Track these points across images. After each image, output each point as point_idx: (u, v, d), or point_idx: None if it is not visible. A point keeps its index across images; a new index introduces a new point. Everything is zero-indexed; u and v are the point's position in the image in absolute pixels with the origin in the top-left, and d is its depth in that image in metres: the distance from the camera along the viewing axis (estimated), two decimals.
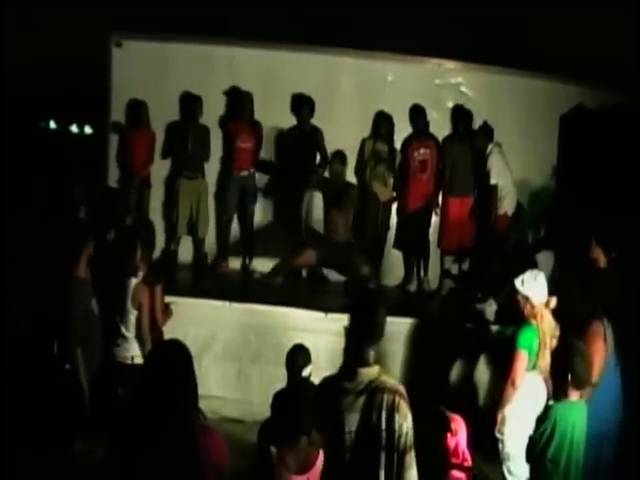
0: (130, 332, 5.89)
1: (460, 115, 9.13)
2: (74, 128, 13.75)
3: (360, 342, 3.75)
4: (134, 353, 5.87)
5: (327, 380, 3.87)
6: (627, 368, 5.60)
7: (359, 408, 3.62)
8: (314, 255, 8.30)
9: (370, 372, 3.70)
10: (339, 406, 3.64)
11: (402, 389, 3.73)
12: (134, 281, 5.92)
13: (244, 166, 9.26)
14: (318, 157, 9.16)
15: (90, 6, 9.89)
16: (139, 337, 5.87)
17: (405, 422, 3.61)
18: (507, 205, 8.66)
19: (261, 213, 9.58)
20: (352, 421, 3.62)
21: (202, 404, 3.48)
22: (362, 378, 3.68)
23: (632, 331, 5.80)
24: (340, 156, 8.55)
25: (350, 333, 3.80)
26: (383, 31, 9.46)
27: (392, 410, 3.60)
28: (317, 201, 8.90)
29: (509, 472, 5.65)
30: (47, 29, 10.08)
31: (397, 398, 3.63)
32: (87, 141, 12.94)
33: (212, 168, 9.51)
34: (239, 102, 9.34)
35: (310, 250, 8.36)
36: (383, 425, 3.60)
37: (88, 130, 13.40)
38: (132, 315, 5.87)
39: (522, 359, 5.55)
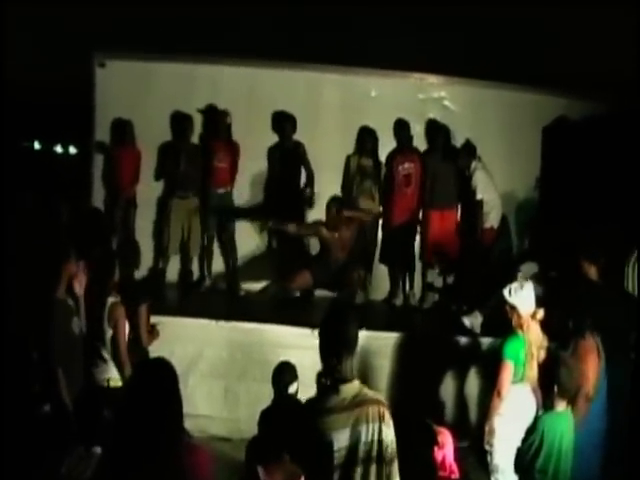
0: (107, 353, 5.86)
1: (435, 129, 9.21)
2: (58, 148, 13.72)
3: (336, 358, 3.69)
4: (110, 375, 5.83)
5: (309, 402, 3.83)
6: (614, 379, 5.63)
7: (349, 424, 3.59)
8: (310, 277, 8.33)
9: (352, 387, 3.68)
10: (325, 426, 3.59)
11: (383, 399, 3.74)
12: (110, 300, 5.89)
13: (221, 184, 9.25)
14: (303, 174, 9.15)
15: (72, 26, 9.86)
16: (115, 357, 5.83)
17: (390, 431, 3.63)
18: (493, 218, 8.71)
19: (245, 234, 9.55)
20: (342, 438, 3.58)
21: (189, 423, 3.46)
22: (345, 395, 3.64)
23: (620, 341, 5.82)
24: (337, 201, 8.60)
25: (323, 350, 3.74)
26: (366, 46, 9.48)
27: (379, 421, 3.60)
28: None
29: None
30: (30, 50, 10.05)
31: (381, 408, 3.64)
32: (72, 161, 12.92)
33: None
34: (215, 120, 9.34)
35: (306, 272, 8.40)
36: (373, 437, 3.59)
37: (72, 150, 13.38)
38: (108, 335, 5.85)
39: (508, 369, 5.54)
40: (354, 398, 3.64)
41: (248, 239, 9.45)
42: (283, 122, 9.16)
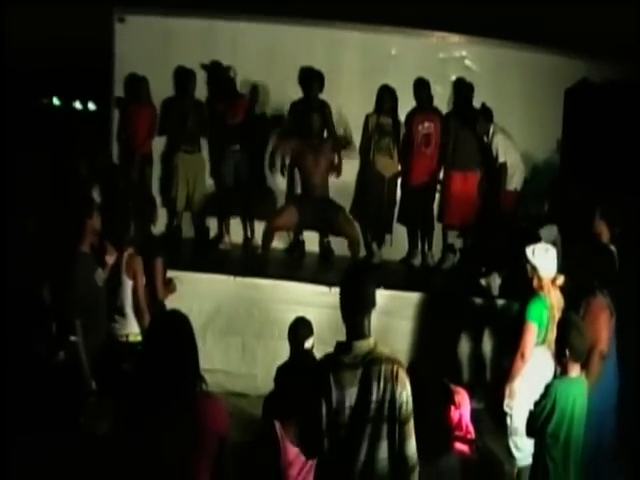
0: (127, 306, 5.91)
1: (461, 89, 9.08)
2: (77, 104, 13.69)
3: (352, 314, 3.73)
4: (129, 331, 5.89)
5: (326, 357, 3.84)
6: (625, 337, 5.66)
7: (358, 380, 3.61)
8: (295, 213, 8.33)
9: (365, 344, 3.69)
10: (337, 381, 3.61)
11: (398, 358, 3.74)
12: (128, 252, 5.93)
13: (235, 142, 9.20)
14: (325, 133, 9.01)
15: None
16: (136, 307, 5.90)
17: (405, 390, 3.62)
18: (516, 181, 8.67)
19: None
20: (353, 394, 3.61)
21: (206, 377, 3.48)
22: (358, 351, 3.66)
23: (629, 306, 5.81)
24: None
25: (341, 307, 3.78)
26: (387, 5, 9.37)
27: (392, 380, 3.61)
28: None
29: (515, 447, 5.64)
30: (49, 5, 9.99)
31: (395, 367, 3.64)
32: (90, 117, 12.90)
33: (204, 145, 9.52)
34: (221, 78, 9.28)
35: (291, 207, 8.43)
36: (385, 396, 3.60)
37: (91, 106, 13.35)
38: (128, 286, 5.90)
39: (532, 331, 5.51)
40: (367, 355, 3.66)
41: None
42: (311, 78, 9.04)
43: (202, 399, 3.40)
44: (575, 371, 4.79)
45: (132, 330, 5.89)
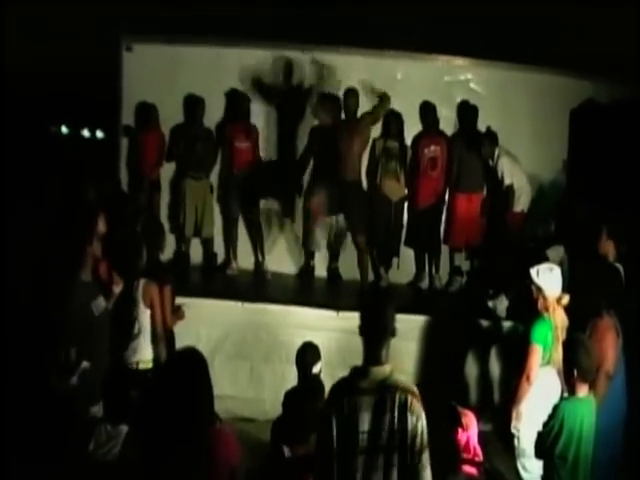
0: (141, 333, 5.92)
1: (466, 111, 9.10)
2: (86, 132, 13.79)
3: (371, 341, 3.77)
4: (140, 358, 5.90)
5: (342, 380, 3.85)
6: (632, 356, 5.67)
7: (371, 407, 3.62)
8: (324, 196, 8.39)
9: (382, 371, 3.71)
10: (352, 405, 3.63)
11: (415, 389, 3.73)
12: (143, 280, 5.95)
13: (244, 166, 9.27)
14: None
15: (100, 8, 9.92)
16: (153, 335, 5.92)
17: (420, 421, 3.62)
18: (523, 202, 8.65)
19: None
20: (365, 420, 3.61)
21: (215, 403, 3.50)
22: (374, 377, 3.69)
23: (634, 324, 5.82)
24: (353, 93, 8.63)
25: (361, 332, 3.81)
26: (392, 29, 9.45)
27: (405, 409, 3.60)
28: None
29: (523, 468, 5.60)
30: (58, 34, 10.11)
31: (410, 397, 3.63)
32: (99, 144, 12.99)
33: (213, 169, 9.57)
34: (236, 103, 9.36)
35: (322, 190, 8.49)
36: (398, 425, 3.60)
37: (99, 133, 13.44)
38: (143, 314, 5.91)
39: (536, 353, 5.51)
40: (383, 382, 3.67)
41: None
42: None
43: (216, 434, 3.43)
44: (583, 391, 4.80)
45: (142, 357, 5.90)
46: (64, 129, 13.79)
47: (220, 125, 9.49)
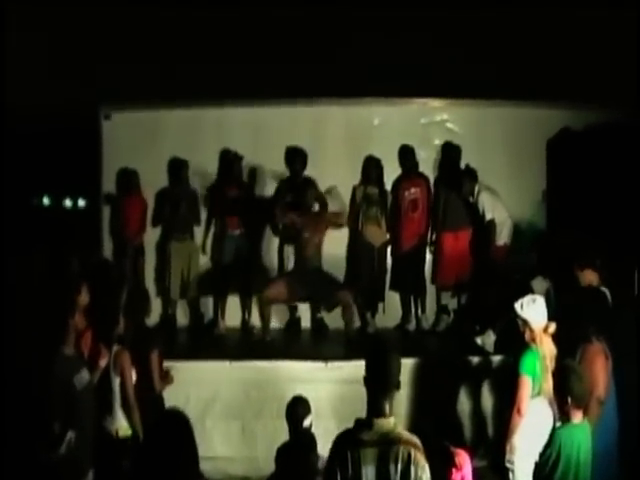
0: (114, 402, 5.81)
1: (450, 151, 9.17)
2: (66, 200, 13.83)
3: (375, 393, 3.72)
4: (118, 425, 5.79)
5: (345, 432, 3.79)
6: (622, 378, 5.70)
7: (374, 460, 3.56)
8: (284, 285, 8.32)
9: (386, 423, 3.66)
10: (356, 458, 3.58)
11: (418, 441, 3.67)
12: (115, 348, 5.87)
13: (235, 226, 9.29)
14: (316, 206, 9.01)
15: (77, 78, 10.01)
16: (124, 404, 5.80)
17: (424, 474, 3.57)
18: (505, 236, 8.72)
19: None
20: (369, 473, 3.56)
21: (208, 465, 3.53)
22: (378, 429, 3.63)
23: (626, 347, 5.82)
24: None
25: (365, 383, 3.78)
26: (367, 76, 9.53)
27: (409, 463, 3.54)
28: None
29: None
30: (35, 104, 10.16)
31: (413, 451, 3.58)
32: (80, 212, 13.03)
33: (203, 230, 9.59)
34: (229, 164, 9.41)
35: (279, 281, 8.46)
36: (399, 478, 3.54)
37: (81, 202, 13.48)
38: (115, 383, 5.81)
39: (526, 385, 5.50)
40: (386, 435, 3.62)
41: None
42: (295, 157, 9.04)
43: None
44: (577, 417, 4.76)
45: (121, 424, 5.79)
46: (45, 199, 13.83)
47: (214, 185, 9.50)
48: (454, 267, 8.87)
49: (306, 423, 5.41)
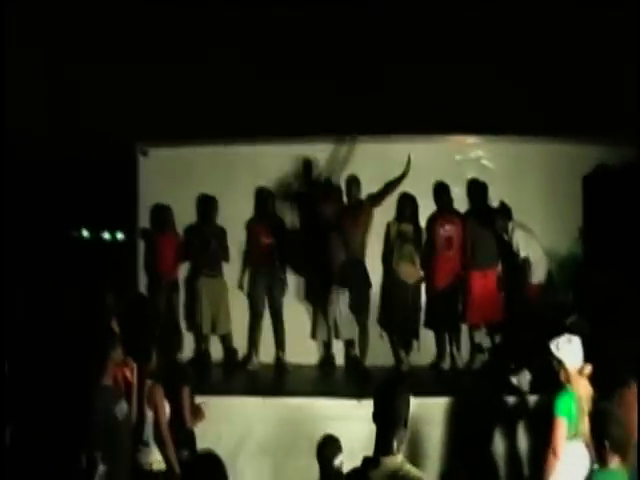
0: (149, 436, 5.83)
1: (475, 188, 9.16)
2: (103, 236, 13.97)
3: (383, 430, 3.72)
4: (153, 459, 5.80)
5: (353, 470, 3.82)
6: None
7: None
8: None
9: (393, 461, 3.65)
10: None
11: (424, 478, 3.69)
12: (149, 382, 5.89)
13: (269, 261, 9.35)
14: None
15: (115, 115, 10.14)
16: (158, 439, 5.80)
17: None
18: (540, 274, 8.58)
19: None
20: None
21: None
22: (385, 467, 3.63)
23: None
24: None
25: (374, 420, 3.78)
26: (399, 114, 9.53)
27: None
28: None
29: None
30: (75, 142, 10.31)
31: None
32: (116, 248, 13.13)
33: (236, 266, 9.63)
34: (262, 202, 9.52)
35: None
36: None
37: (118, 237, 13.61)
38: (149, 417, 5.83)
39: (561, 426, 5.42)
40: (394, 473, 3.61)
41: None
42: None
43: None
44: (615, 462, 4.64)
45: (155, 458, 5.80)
46: (82, 234, 14.01)
47: (248, 222, 9.58)
48: (483, 306, 8.81)
49: (336, 462, 5.42)
